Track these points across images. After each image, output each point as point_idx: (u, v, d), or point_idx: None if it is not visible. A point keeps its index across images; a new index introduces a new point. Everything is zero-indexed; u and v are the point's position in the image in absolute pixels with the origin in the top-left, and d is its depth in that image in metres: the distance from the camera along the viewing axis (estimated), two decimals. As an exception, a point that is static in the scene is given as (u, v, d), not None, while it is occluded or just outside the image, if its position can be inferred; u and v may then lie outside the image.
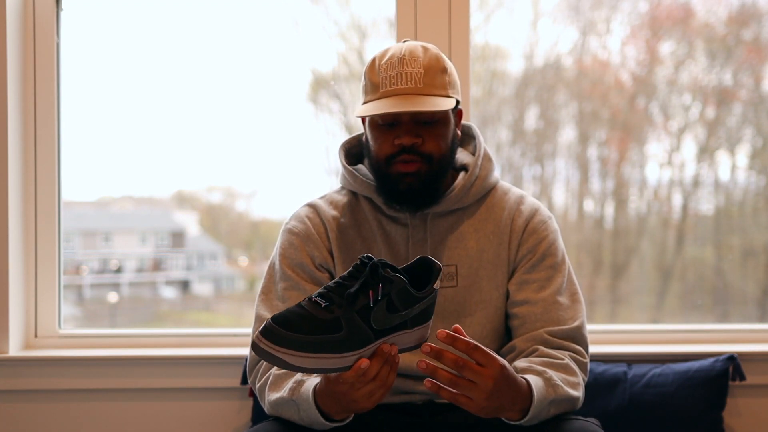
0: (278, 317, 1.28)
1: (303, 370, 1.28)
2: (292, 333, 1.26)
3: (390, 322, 1.31)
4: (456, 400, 1.37)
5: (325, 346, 1.27)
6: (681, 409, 2.03)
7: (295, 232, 1.71)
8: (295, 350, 1.26)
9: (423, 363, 1.33)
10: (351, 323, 1.28)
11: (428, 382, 1.36)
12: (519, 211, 1.72)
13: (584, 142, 2.62)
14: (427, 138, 1.61)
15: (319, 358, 1.27)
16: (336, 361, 1.29)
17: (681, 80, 2.57)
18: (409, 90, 1.58)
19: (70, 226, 2.49)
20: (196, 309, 2.87)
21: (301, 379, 1.50)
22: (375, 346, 1.31)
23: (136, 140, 2.46)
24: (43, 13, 2.22)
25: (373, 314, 1.29)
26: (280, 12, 2.45)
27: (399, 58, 1.59)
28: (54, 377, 2.17)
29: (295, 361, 1.26)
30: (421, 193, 1.63)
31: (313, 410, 1.45)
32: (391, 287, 1.29)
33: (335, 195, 1.77)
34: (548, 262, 1.69)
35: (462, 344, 1.34)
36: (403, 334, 1.33)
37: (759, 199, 2.57)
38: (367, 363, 1.30)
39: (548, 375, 1.51)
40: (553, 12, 2.56)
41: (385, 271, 1.29)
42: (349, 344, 1.28)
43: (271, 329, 1.26)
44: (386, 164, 1.62)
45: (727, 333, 2.30)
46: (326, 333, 1.27)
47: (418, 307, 1.32)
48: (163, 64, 2.44)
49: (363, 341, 1.29)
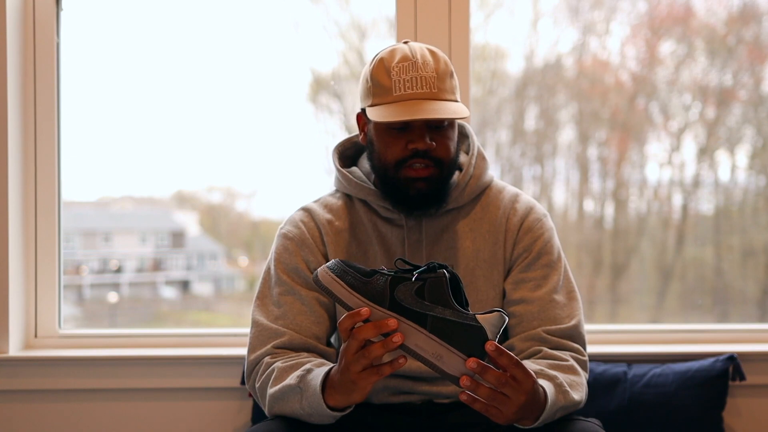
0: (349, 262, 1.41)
1: (318, 283, 1.37)
2: (341, 263, 1.39)
3: (411, 303, 1.33)
4: (487, 411, 1.37)
5: (348, 278, 1.36)
6: (681, 409, 2.03)
7: (290, 237, 1.71)
8: (328, 269, 1.38)
9: (466, 380, 1.32)
10: (380, 278, 1.35)
11: (464, 395, 1.35)
12: (514, 210, 1.72)
13: (584, 142, 2.62)
14: (438, 142, 1.61)
15: (335, 281, 1.36)
16: (344, 293, 1.36)
17: (681, 80, 2.57)
18: (425, 95, 1.57)
19: (70, 226, 2.49)
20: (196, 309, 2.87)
21: (310, 368, 1.50)
22: (386, 314, 1.34)
23: (136, 140, 2.46)
24: (43, 13, 2.22)
25: (402, 285, 1.34)
26: (280, 12, 2.45)
27: (412, 62, 1.58)
28: (54, 377, 2.17)
29: (321, 275, 1.38)
30: (430, 197, 1.63)
31: (318, 396, 1.44)
32: (430, 276, 1.34)
33: (330, 198, 1.77)
34: (544, 261, 1.69)
35: (506, 359, 1.34)
36: (418, 332, 1.33)
37: (759, 199, 2.57)
38: (367, 313, 1.32)
39: (559, 381, 1.51)
40: (553, 12, 2.56)
41: (443, 270, 1.35)
42: (365, 291, 1.35)
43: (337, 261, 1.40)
44: (395, 168, 1.61)
45: (727, 333, 2.30)
46: (358, 272, 1.37)
47: (446, 314, 1.32)
48: (163, 64, 2.44)
49: (377, 298, 1.34)
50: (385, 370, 1.35)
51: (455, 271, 1.45)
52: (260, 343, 1.63)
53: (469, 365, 1.31)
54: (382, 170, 1.64)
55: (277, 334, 1.62)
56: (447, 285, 1.33)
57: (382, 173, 1.64)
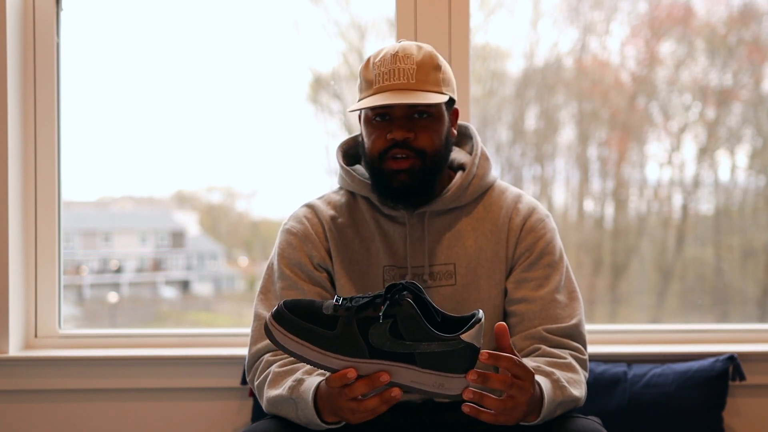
0: (291, 302, 1.34)
1: (286, 351, 1.32)
2: (293, 316, 1.31)
3: (391, 347, 1.29)
4: (496, 420, 1.37)
5: (314, 337, 1.30)
6: (681, 409, 2.03)
7: (294, 233, 1.72)
8: (286, 330, 1.31)
9: (469, 393, 1.31)
10: (347, 327, 1.29)
11: (467, 407, 1.34)
12: (516, 210, 1.73)
13: (584, 142, 2.62)
14: (419, 133, 1.62)
15: (304, 346, 1.30)
16: (319, 357, 1.30)
17: (681, 80, 2.57)
18: (401, 85, 1.59)
19: (70, 226, 2.49)
20: (196, 309, 2.88)
21: (301, 378, 1.50)
22: (372, 365, 1.30)
23: (136, 140, 2.46)
24: (43, 13, 2.22)
25: (372, 329, 1.28)
26: (280, 12, 2.45)
27: (392, 55, 1.61)
28: (54, 377, 2.17)
29: (282, 340, 1.31)
30: (414, 190, 1.64)
31: (311, 410, 1.45)
32: (397, 310, 1.28)
33: (333, 195, 1.78)
34: (546, 261, 1.69)
35: (505, 361, 1.34)
36: (410, 370, 1.30)
37: (759, 199, 2.57)
38: (353, 374, 1.31)
39: (556, 377, 1.51)
40: (553, 12, 2.56)
41: (403, 294, 1.28)
42: (338, 346, 1.30)
43: (279, 310, 1.33)
44: (379, 160, 1.63)
45: (727, 333, 2.30)
46: (320, 326, 1.30)
47: (432, 348, 1.28)
48: (163, 64, 2.44)
49: (354, 351, 1.29)
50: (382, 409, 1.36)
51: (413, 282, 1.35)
52: (262, 336, 1.63)
53: (470, 378, 1.30)
54: (369, 163, 1.66)
55: (278, 328, 1.63)
56: (419, 315, 1.28)
57: (370, 166, 1.66)
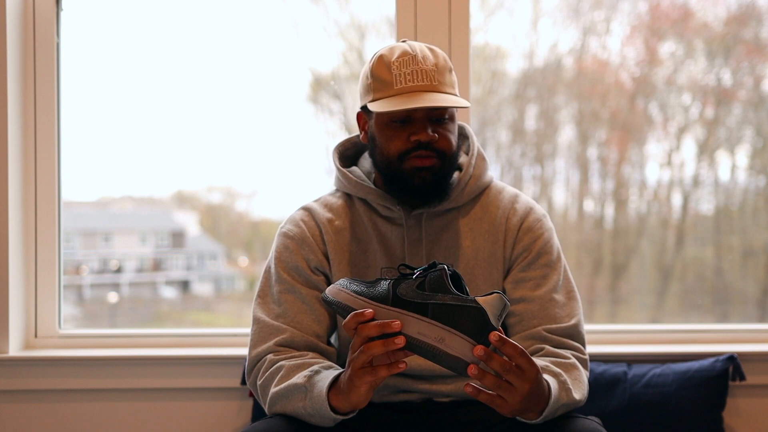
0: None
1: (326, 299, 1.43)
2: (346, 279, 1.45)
3: (412, 296, 1.35)
4: (492, 401, 1.37)
5: (353, 285, 1.42)
6: (681, 409, 2.03)
7: (290, 236, 1.72)
8: (335, 283, 1.44)
9: (474, 368, 1.32)
10: (383, 282, 1.40)
11: (469, 387, 1.36)
12: (514, 210, 1.73)
13: (584, 142, 2.62)
14: (440, 135, 1.63)
15: (342, 292, 1.42)
16: (349, 299, 1.40)
17: (680, 80, 2.57)
18: (426, 87, 1.59)
19: (70, 226, 2.49)
20: (196, 309, 2.87)
21: (319, 369, 1.51)
22: (389, 311, 1.36)
23: (136, 140, 2.46)
24: (43, 13, 2.22)
25: (404, 283, 1.38)
26: (280, 12, 2.45)
27: (412, 56, 1.60)
28: (54, 377, 2.17)
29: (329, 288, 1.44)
30: (433, 188, 1.64)
31: (323, 398, 1.44)
32: (432, 272, 1.37)
33: (330, 198, 1.78)
34: (544, 260, 1.70)
35: (510, 348, 1.34)
36: (419, 321, 1.34)
37: (759, 199, 2.57)
38: (370, 314, 1.34)
39: (563, 378, 1.52)
40: (553, 12, 2.56)
41: (441, 266, 1.38)
42: (369, 294, 1.40)
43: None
44: (399, 160, 1.62)
45: (727, 333, 2.30)
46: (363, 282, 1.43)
47: (445, 300, 1.34)
48: (163, 64, 2.44)
49: (380, 299, 1.38)
50: (381, 370, 1.35)
51: (456, 270, 1.46)
52: (262, 339, 1.63)
53: (476, 352, 1.31)
54: (384, 164, 1.65)
55: (278, 330, 1.63)
56: (447, 276, 1.36)
57: (385, 167, 1.65)
